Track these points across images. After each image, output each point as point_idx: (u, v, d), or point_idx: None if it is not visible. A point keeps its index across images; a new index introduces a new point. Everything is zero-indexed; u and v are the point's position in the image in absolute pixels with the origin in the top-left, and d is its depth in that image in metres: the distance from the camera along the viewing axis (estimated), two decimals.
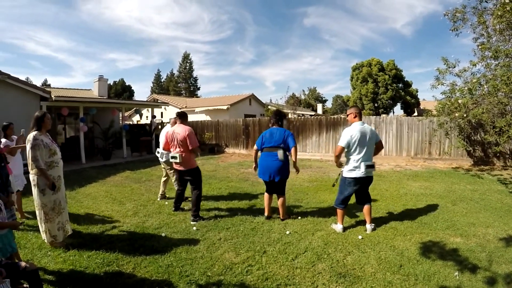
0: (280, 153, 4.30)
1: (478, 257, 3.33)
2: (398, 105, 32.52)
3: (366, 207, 4.16)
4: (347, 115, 4.19)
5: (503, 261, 3.24)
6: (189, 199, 5.45)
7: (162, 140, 5.76)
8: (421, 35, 77.83)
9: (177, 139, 4.67)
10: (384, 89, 29.00)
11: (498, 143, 7.68)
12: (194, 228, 4.27)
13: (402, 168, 9.39)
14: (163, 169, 5.96)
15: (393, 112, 31.94)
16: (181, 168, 4.75)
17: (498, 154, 9.28)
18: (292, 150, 4.31)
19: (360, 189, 4.12)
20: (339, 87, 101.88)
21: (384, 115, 24.76)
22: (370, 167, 3.96)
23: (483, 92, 7.45)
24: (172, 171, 5.59)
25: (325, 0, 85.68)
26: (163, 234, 4.04)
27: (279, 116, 4.58)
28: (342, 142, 3.96)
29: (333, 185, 4.60)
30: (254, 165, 4.66)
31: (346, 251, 3.51)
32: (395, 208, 5.19)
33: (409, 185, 7.02)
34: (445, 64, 8.06)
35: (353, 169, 3.98)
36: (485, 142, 9.22)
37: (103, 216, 4.91)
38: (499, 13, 6.70)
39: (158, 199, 5.86)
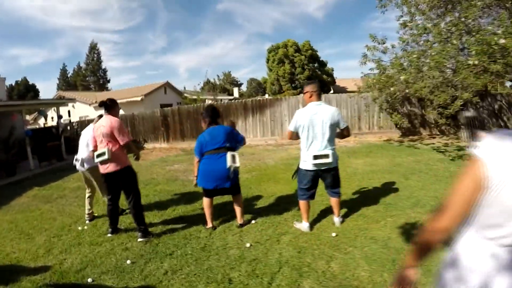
0: (229, 157, 3.61)
1: None
2: None
3: (332, 200, 3.66)
4: (304, 94, 3.59)
5: None
6: (127, 211, 4.44)
7: (82, 143, 4.53)
8: (332, 18, 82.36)
9: (102, 134, 3.64)
10: (301, 69, 29.73)
11: (440, 112, 8.40)
12: (128, 261, 3.21)
13: (336, 145, 9.40)
14: (85, 182, 4.72)
15: None
16: (109, 170, 3.65)
17: (424, 124, 9.92)
18: (243, 143, 3.99)
19: (323, 179, 3.58)
20: (254, 70, 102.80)
21: None
22: (319, 157, 3.36)
23: (416, 66, 7.43)
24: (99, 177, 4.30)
25: None
26: (89, 280, 2.91)
27: (214, 113, 3.87)
28: (290, 126, 3.56)
29: (293, 177, 3.89)
30: (194, 179, 3.84)
31: (327, 256, 2.97)
32: (351, 190, 4.89)
33: (352, 162, 6.90)
34: (373, 41, 8.10)
35: (305, 159, 3.48)
36: (411, 114, 9.75)
37: (10, 261, 3.55)
38: None
39: (87, 221, 4.56)
